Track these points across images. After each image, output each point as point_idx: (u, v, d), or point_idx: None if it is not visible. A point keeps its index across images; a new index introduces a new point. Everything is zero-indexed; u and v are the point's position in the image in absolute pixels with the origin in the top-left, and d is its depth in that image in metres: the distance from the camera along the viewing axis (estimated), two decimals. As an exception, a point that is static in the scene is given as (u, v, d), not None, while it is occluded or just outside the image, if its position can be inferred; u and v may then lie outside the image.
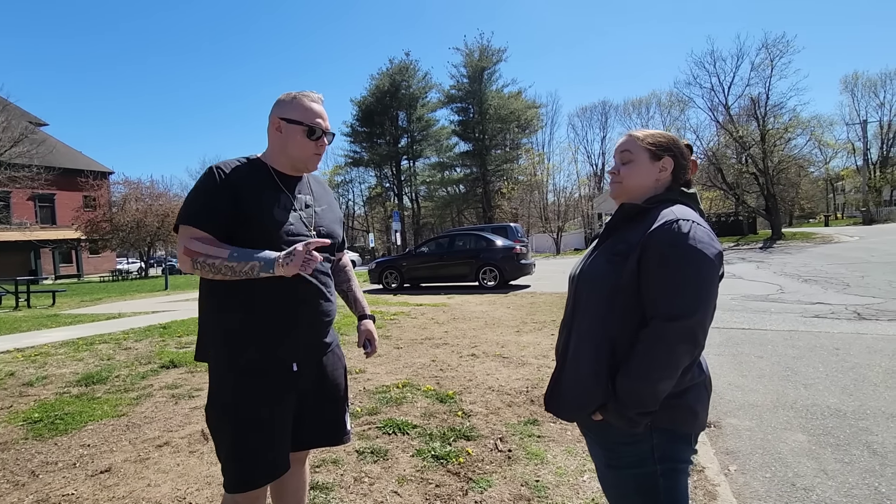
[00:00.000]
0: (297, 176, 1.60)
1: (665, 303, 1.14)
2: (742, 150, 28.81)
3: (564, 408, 1.33)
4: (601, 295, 1.25)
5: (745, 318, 6.63)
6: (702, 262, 1.14)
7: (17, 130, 24.56)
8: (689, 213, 1.23)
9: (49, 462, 2.78)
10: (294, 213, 1.52)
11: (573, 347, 1.31)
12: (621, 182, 1.36)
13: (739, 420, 3.27)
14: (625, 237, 1.28)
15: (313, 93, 1.55)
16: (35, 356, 5.42)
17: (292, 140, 1.50)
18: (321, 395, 1.62)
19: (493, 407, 3.48)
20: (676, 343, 1.12)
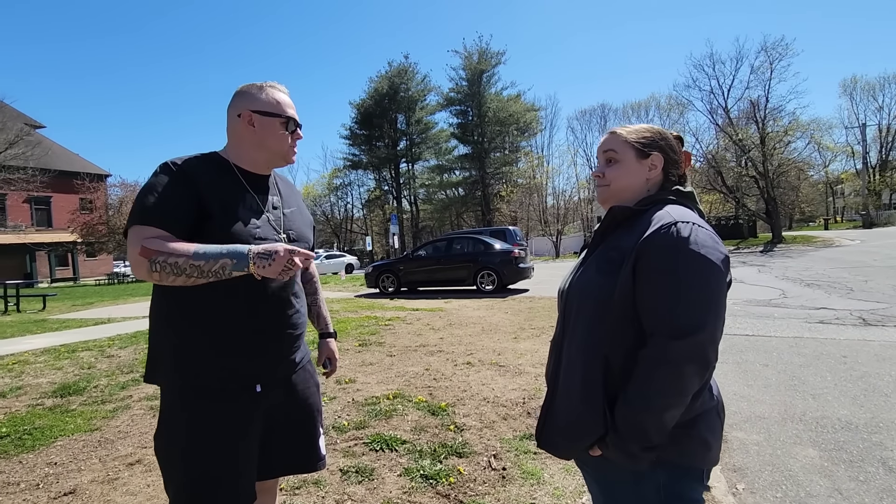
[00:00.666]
0: (264, 175, 1.45)
1: (667, 318, 0.98)
2: (742, 154, 28.72)
3: (558, 443, 1.16)
4: (593, 310, 1.09)
5: (748, 323, 6.46)
6: (707, 270, 0.99)
7: (13, 132, 24.40)
8: (687, 213, 1.08)
9: (10, 483, 2.60)
10: (262, 216, 1.37)
11: (564, 371, 1.15)
12: (608, 185, 1.20)
13: (746, 433, 3.10)
14: (617, 244, 1.12)
15: (278, 84, 1.44)
16: (13, 364, 5.22)
17: (270, 134, 1.37)
18: (291, 418, 1.45)
19: (488, 420, 3.30)
20: (683, 364, 0.96)
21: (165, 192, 1.23)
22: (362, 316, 8.55)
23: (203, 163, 1.34)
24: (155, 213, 1.20)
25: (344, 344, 6.00)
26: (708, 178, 30.62)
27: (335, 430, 3.15)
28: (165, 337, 1.31)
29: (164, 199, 1.22)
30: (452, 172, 46.07)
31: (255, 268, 1.15)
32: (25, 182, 24.91)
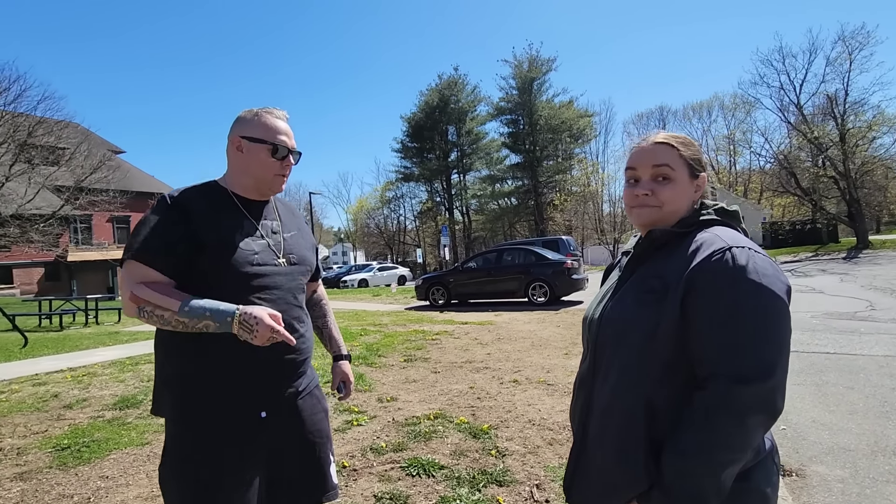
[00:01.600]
0: (262, 200, 1.43)
1: (730, 360, 0.84)
2: (818, 153, 26.69)
3: (591, 495, 1.01)
4: (632, 345, 0.94)
5: (829, 339, 5.85)
6: (771, 303, 0.85)
7: (97, 158, 26.70)
8: (739, 237, 0.93)
9: (65, 495, 2.70)
10: (260, 241, 1.36)
11: (597, 415, 1.00)
12: (659, 206, 1.02)
13: (828, 468, 2.74)
14: (657, 270, 0.97)
15: (277, 109, 1.41)
16: (83, 376, 5.57)
17: (255, 160, 1.35)
18: (298, 446, 1.40)
19: (532, 445, 3.11)
20: (748, 413, 0.82)
21: (158, 227, 1.24)
22: (410, 330, 8.53)
23: (201, 193, 1.34)
24: (146, 250, 1.22)
25: (389, 360, 5.96)
26: (780, 180, 28.73)
27: (372, 451, 3.07)
28: (170, 369, 1.29)
29: (157, 235, 1.23)
30: (504, 182, 45.94)
31: (238, 330, 1.16)
32: (108, 203, 27.12)
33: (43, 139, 23.88)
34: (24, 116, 22.86)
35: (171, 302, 1.17)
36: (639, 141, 1.08)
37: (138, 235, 1.24)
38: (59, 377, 5.61)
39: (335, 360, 1.70)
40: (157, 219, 1.25)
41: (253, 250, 1.32)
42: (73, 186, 25.35)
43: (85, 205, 25.92)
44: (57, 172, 25.14)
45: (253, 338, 1.16)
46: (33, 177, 23.09)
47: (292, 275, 1.40)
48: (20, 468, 3.07)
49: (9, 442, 3.54)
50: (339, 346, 1.71)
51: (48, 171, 24.71)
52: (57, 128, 24.38)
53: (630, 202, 1.06)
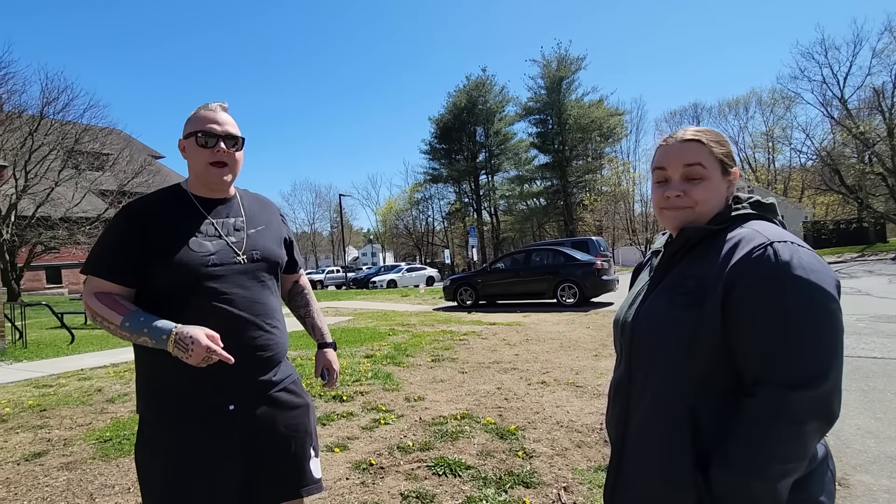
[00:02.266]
0: (224, 198, 1.43)
1: (780, 364, 0.80)
2: (864, 148, 25.50)
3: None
4: (670, 350, 0.91)
5: (876, 344, 5.57)
6: (821, 300, 0.80)
7: (138, 163, 27.80)
8: (781, 231, 0.88)
9: (107, 485, 2.82)
10: (218, 241, 1.35)
11: (636, 425, 0.96)
12: (692, 207, 0.97)
13: (874, 478, 2.61)
14: (692, 270, 0.93)
15: (214, 102, 1.40)
16: (124, 372, 5.80)
17: (191, 156, 1.35)
18: (273, 440, 1.38)
19: (560, 447, 3.08)
20: (803, 421, 0.78)
21: (113, 242, 1.29)
22: (438, 330, 8.55)
23: (162, 198, 1.37)
24: (101, 265, 1.28)
25: (416, 360, 5.99)
26: (822, 177, 27.59)
27: (399, 450, 3.10)
28: (142, 367, 1.33)
29: (111, 251, 1.28)
30: (533, 182, 45.55)
31: (173, 349, 1.18)
32: (148, 206, 28.17)
33: (89, 146, 24.99)
34: (72, 124, 23.98)
35: (114, 315, 1.22)
36: (666, 138, 1.03)
37: (95, 250, 1.29)
38: (102, 373, 5.87)
39: (319, 347, 1.70)
40: (114, 232, 1.30)
41: (208, 251, 1.31)
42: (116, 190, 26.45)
43: (128, 208, 26.99)
44: (101, 177, 26.29)
45: (188, 357, 1.17)
46: (80, 181, 24.20)
47: (255, 272, 1.38)
48: (66, 458, 3.22)
49: (56, 433, 3.73)
50: (323, 334, 1.70)
51: (93, 175, 25.87)
52: (101, 134, 25.50)
53: (660, 203, 1.01)
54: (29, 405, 4.51)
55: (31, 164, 21.60)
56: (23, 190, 21.14)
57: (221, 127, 1.34)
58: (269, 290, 1.43)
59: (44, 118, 22.26)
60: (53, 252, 24.80)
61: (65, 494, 2.73)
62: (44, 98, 22.44)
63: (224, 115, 1.38)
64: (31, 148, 21.42)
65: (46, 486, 2.83)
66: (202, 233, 1.33)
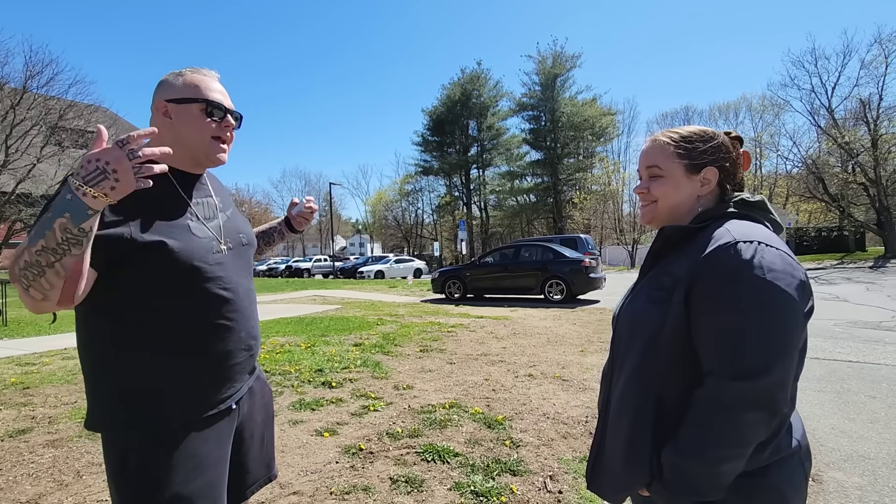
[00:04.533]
0: (197, 174, 1.23)
1: (725, 356, 0.85)
2: (848, 158, 25.94)
3: (604, 487, 1.04)
4: (641, 342, 0.96)
5: (852, 348, 5.73)
6: (775, 299, 0.83)
7: (125, 143, 27.28)
8: (752, 230, 0.91)
9: (94, 463, 2.82)
10: (208, 224, 1.18)
11: (614, 407, 1.02)
12: (655, 202, 1.05)
13: (846, 475, 2.71)
14: (669, 268, 0.98)
15: (205, 69, 1.21)
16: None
17: (186, 124, 1.14)
18: (254, 428, 1.34)
19: (546, 437, 3.14)
20: (743, 410, 0.82)
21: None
22: (426, 321, 8.59)
23: None
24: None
25: (405, 349, 6.03)
26: (807, 185, 28.00)
27: (389, 436, 3.13)
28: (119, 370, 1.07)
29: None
30: (524, 178, 45.65)
31: (94, 196, 0.84)
32: (134, 187, 27.71)
33: (73, 122, 24.45)
34: (56, 100, 23.42)
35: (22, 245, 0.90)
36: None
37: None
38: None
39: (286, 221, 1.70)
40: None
41: (208, 236, 1.16)
42: (101, 170, 25.95)
43: (112, 188, 26.53)
44: (86, 155, 25.78)
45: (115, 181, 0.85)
46: (63, 159, 23.68)
47: (243, 260, 1.27)
48: (52, 436, 3.20)
49: (41, 411, 3.70)
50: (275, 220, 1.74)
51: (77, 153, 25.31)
52: (87, 111, 24.94)
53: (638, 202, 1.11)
54: (11, 382, 4.45)
55: (12, 138, 21.10)
56: (3, 165, 20.65)
57: (227, 100, 1.21)
58: (251, 273, 1.33)
59: (27, 92, 21.70)
60: (34, 230, 24.31)
61: (51, 471, 2.72)
62: (27, 71, 21.88)
63: (222, 87, 1.22)
64: (12, 122, 20.91)
65: (32, 463, 2.82)
66: (193, 216, 1.16)
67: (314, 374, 4.67)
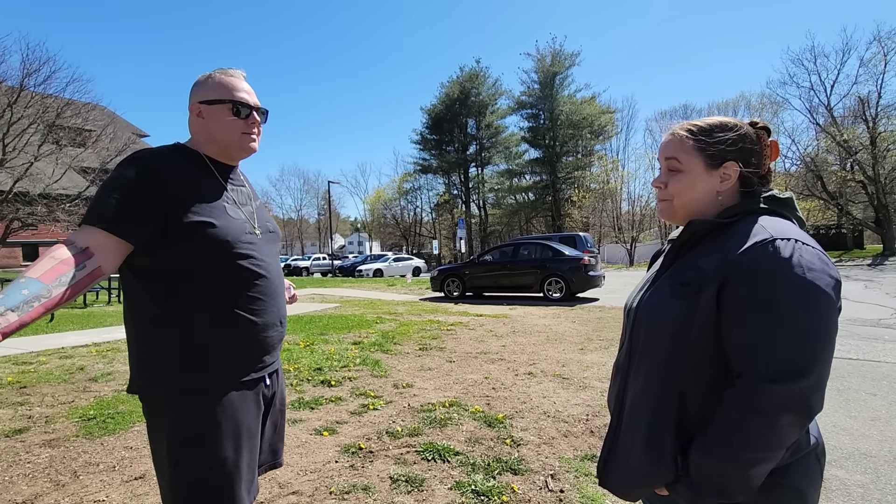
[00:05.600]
0: (232, 165, 1.36)
1: (764, 357, 0.81)
2: (847, 156, 26.01)
3: (620, 485, 1.01)
4: (664, 337, 0.93)
5: (852, 346, 5.73)
6: (814, 299, 0.80)
7: (122, 141, 27.15)
8: (787, 227, 0.88)
9: (91, 463, 2.79)
10: (241, 209, 1.29)
11: (630, 402, 0.99)
12: (671, 200, 1.02)
13: (848, 473, 2.69)
14: (695, 262, 0.94)
15: (233, 69, 1.32)
16: (107, 351, 5.72)
17: (217, 122, 1.26)
18: (275, 412, 1.40)
19: (547, 436, 3.12)
20: (780, 413, 0.79)
21: (126, 190, 1.08)
22: (425, 320, 8.57)
23: (174, 154, 1.23)
24: (108, 215, 1.06)
25: (404, 348, 6.01)
26: (806, 182, 28.03)
27: (388, 435, 3.11)
28: (166, 338, 1.16)
29: (123, 199, 1.07)
30: (522, 177, 45.63)
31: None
32: (132, 186, 27.62)
33: (70, 121, 24.33)
34: (53, 98, 23.29)
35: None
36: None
37: (100, 199, 1.07)
38: (84, 351, 5.78)
39: None
40: (125, 180, 1.09)
41: (242, 218, 1.26)
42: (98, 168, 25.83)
43: (110, 186, 26.46)
44: (83, 154, 25.64)
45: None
46: (60, 157, 23.58)
47: (272, 245, 1.36)
48: (49, 436, 3.17)
49: (38, 410, 3.67)
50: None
51: (75, 152, 25.22)
52: (84, 110, 24.82)
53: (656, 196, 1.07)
54: (8, 381, 4.42)
55: (9, 137, 20.99)
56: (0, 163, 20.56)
57: (253, 98, 1.31)
58: (279, 261, 1.42)
59: (24, 90, 21.56)
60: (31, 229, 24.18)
61: (48, 471, 2.69)
62: (24, 69, 21.71)
63: (248, 84, 1.33)
64: (9, 120, 20.80)
65: (28, 463, 2.79)
66: (230, 200, 1.28)
67: (313, 372, 4.65)
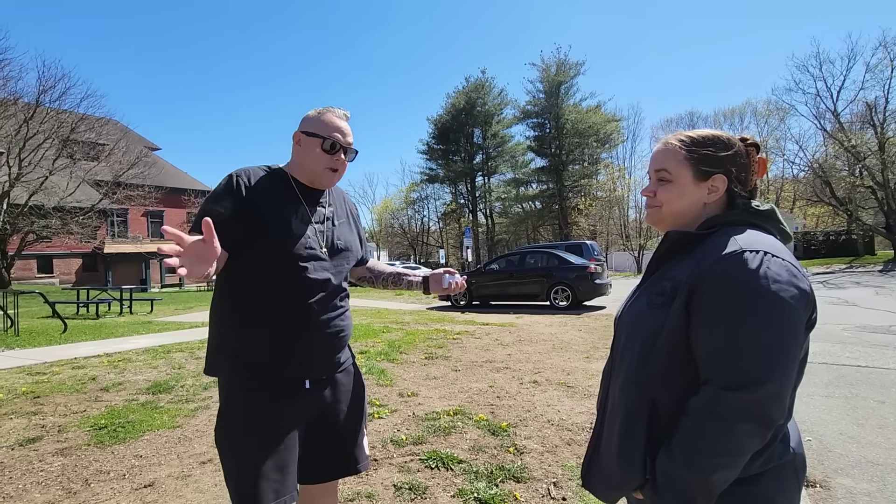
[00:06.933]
0: (319, 189, 1.54)
1: (721, 365, 0.85)
2: (855, 161, 25.78)
3: (597, 486, 1.05)
4: (639, 346, 0.97)
5: (861, 352, 5.68)
6: (776, 310, 0.83)
7: (134, 154, 27.67)
8: (759, 239, 0.91)
9: (102, 471, 2.85)
10: (311, 227, 1.46)
11: (609, 408, 1.04)
12: (659, 207, 1.05)
13: (854, 481, 2.68)
14: (670, 272, 0.98)
15: (339, 109, 1.51)
16: (118, 362, 5.81)
17: (309, 152, 1.46)
18: (336, 419, 1.51)
19: (551, 444, 3.14)
20: (735, 421, 0.82)
21: (219, 202, 1.35)
22: (431, 329, 8.60)
23: (266, 175, 1.45)
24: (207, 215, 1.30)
25: (410, 357, 6.05)
26: (814, 189, 27.86)
27: (393, 443, 3.15)
28: (227, 335, 1.41)
29: (215, 210, 1.33)
30: (529, 185, 45.64)
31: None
32: (143, 198, 28.09)
33: (84, 135, 24.84)
34: (68, 113, 23.80)
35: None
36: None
37: (207, 207, 1.36)
38: (96, 362, 5.87)
39: (425, 280, 1.82)
40: (220, 194, 1.36)
41: (305, 234, 1.42)
42: (111, 181, 26.31)
43: (122, 199, 26.94)
44: (96, 167, 26.13)
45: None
46: (74, 171, 24.05)
47: (337, 262, 1.49)
48: (61, 444, 3.24)
49: (51, 420, 3.74)
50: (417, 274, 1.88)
51: (88, 165, 25.71)
52: (98, 124, 25.33)
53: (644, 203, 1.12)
54: (22, 391, 4.51)
55: (25, 151, 21.45)
56: (16, 178, 20.98)
57: (345, 138, 1.47)
58: (345, 277, 1.56)
59: (40, 106, 22.09)
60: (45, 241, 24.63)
61: (60, 479, 2.75)
62: (40, 86, 22.30)
63: (348, 125, 1.49)
64: (26, 136, 21.27)
65: (41, 471, 2.86)
66: (299, 217, 1.44)
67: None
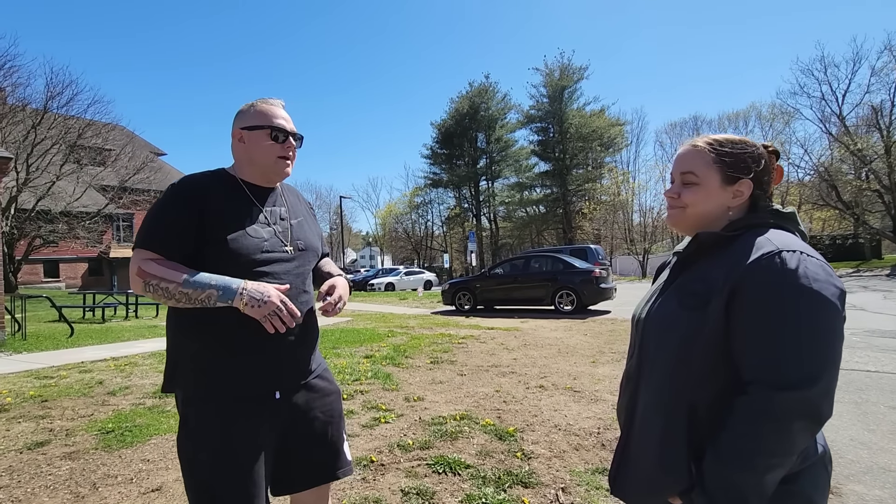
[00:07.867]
0: (270, 187, 1.47)
1: (773, 366, 0.84)
2: (861, 165, 25.68)
3: (633, 494, 1.04)
4: (676, 349, 0.96)
5: (870, 357, 5.63)
6: (821, 309, 0.84)
7: (140, 159, 27.86)
8: (791, 240, 0.92)
9: (110, 475, 2.85)
10: (268, 228, 1.39)
11: (641, 413, 1.02)
12: (683, 208, 1.05)
13: (866, 487, 2.65)
14: (703, 274, 0.97)
15: (272, 98, 1.45)
16: (125, 366, 5.83)
17: (256, 146, 1.39)
18: (311, 426, 1.44)
19: (558, 449, 3.12)
20: (791, 419, 0.82)
21: (167, 217, 1.30)
22: (436, 333, 8.59)
23: (210, 179, 1.39)
24: (155, 239, 1.28)
25: (415, 361, 6.04)
26: (820, 192, 27.70)
27: (400, 448, 3.14)
28: (187, 348, 1.33)
29: (166, 225, 1.29)
30: (533, 190, 45.68)
31: (243, 305, 1.22)
32: (149, 203, 28.24)
33: (91, 141, 25.02)
34: (75, 119, 23.99)
35: (175, 275, 1.22)
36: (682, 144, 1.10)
37: (151, 224, 1.30)
38: (102, 366, 5.90)
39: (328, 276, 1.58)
40: (166, 209, 1.30)
41: (262, 237, 1.36)
42: (117, 186, 26.47)
43: (128, 204, 27.08)
44: (103, 173, 26.32)
45: (258, 306, 1.21)
46: (81, 176, 24.20)
47: (300, 261, 1.44)
48: (69, 448, 3.25)
49: (58, 423, 3.76)
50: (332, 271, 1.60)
51: (95, 171, 25.89)
52: (104, 130, 25.51)
53: (667, 204, 1.10)
54: (30, 395, 4.53)
55: (32, 157, 21.61)
56: (24, 183, 21.13)
57: (289, 125, 1.42)
58: (309, 279, 1.49)
59: (47, 112, 22.28)
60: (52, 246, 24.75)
61: (68, 483, 2.76)
62: (48, 92, 22.53)
63: (286, 112, 1.44)
64: (33, 141, 21.44)
65: (49, 475, 2.86)
66: (254, 219, 1.38)
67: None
